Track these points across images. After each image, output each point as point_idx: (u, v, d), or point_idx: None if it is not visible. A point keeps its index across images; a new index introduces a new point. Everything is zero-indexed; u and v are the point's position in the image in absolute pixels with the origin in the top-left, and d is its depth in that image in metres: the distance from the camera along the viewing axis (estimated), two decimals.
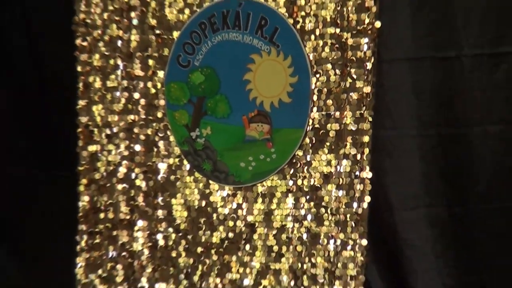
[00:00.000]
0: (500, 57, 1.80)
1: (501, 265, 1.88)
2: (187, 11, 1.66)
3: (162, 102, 1.69)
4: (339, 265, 1.68)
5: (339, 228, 1.67)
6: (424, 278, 1.90)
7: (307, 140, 1.65)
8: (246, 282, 1.72)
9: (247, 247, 1.71)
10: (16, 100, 1.84)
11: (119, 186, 1.73)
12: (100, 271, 1.75)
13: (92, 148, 1.72)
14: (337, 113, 1.63)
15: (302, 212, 1.67)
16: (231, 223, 1.71)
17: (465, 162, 1.85)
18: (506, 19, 1.76)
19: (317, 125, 1.64)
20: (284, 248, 1.70)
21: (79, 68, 1.69)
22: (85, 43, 1.68)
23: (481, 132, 1.84)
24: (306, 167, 1.66)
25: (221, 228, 1.72)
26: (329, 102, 1.63)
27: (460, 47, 1.79)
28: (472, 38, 1.79)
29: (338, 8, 1.61)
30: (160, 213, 1.73)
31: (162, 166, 1.72)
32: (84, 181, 1.72)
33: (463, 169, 1.85)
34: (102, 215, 1.73)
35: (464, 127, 1.84)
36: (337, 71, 1.62)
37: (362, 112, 1.63)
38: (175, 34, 1.66)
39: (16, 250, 1.95)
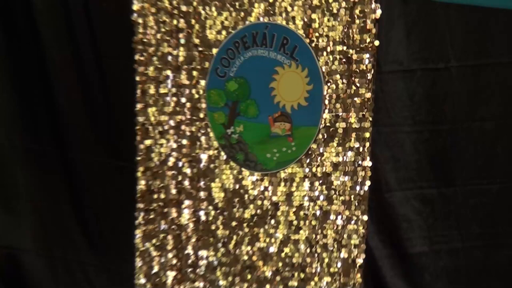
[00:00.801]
0: (480, 68, 2.17)
1: (480, 233, 2.25)
2: (224, 32, 2.04)
3: (203, 105, 2.08)
4: (345, 236, 2.06)
5: (345, 207, 2.05)
6: (418, 244, 2.27)
7: (320, 135, 2.02)
8: (271, 249, 2.11)
9: (272, 221, 2.10)
10: (88, 105, 2.23)
11: (169, 173, 2.12)
12: (154, 241, 2.14)
13: (148, 142, 2.11)
14: (344, 114, 2.01)
15: (316, 193, 2.06)
16: (259, 202, 2.10)
17: (451, 153, 2.22)
18: (484, 37, 2.13)
19: (328, 124, 2.02)
20: (301, 222, 2.08)
21: (137, 78, 2.07)
22: (142, 58, 2.07)
23: (465, 128, 2.20)
24: (319, 157, 2.04)
25: (251, 206, 2.11)
26: (338, 105, 2.01)
27: (448, 60, 2.16)
28: (458, 52, 2.15)
29: (345, 30, 1.98)
30: (202, 194, 2.12)
31: (204, 157, 2.11)
32: (141, 168, 2.11)
33: (449, 158, 2.22)
34: (155, 196, 2.12)
35: (451, 124, 2.20)
36: (344, 81, 2.00)
37: (364, 113, 2.00)
38: (214, 50, 2.04)
39: (85, 223, 2.34)
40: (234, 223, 2.12)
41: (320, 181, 2.04)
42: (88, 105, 2.21)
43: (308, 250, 2.09)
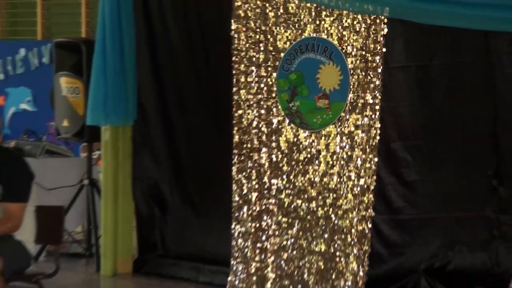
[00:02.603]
0: (458, 66, 3.28)
1: (450, 170, 3.35)
2: (288, 43, 3.26)
3: (275, 89, 3.31)
4: (362, 171, 3.24)
5: (362, 152, 3.24)
6: (412, 175, 3.38)
7: (347, 108, 3.22)
8: (316, 179, 3.30)
9: (317, 162, 3.30)
10: (200, 90, 3.52)
11: (253, 131, 3.35)
12: (244, 173, 3.38)
13: (239, 111, 3.35)
14: (362, 94, 3.21)
15: (344, 144, 3.24)
16: (308, 149, 3.29)
17: (433, 119, 3.35)
18: (461, 43, 3.24)
19: (352, 100, 3.21)
20: (335, 162, 3.26)
21: (233, 72, 3.33)
22: (236, 59, 3.32)
23: (442, 103, 3.34)
24: (346, 122, 3.23)
25: (304, 152, 3.30)
26: (358, 89, 3.19)
27: (432, 59, 3.29)
28: (441, 54, 3.28)
29: (364, 42, 3.16)
30: (273, 144, 3.34)
31: (275, 121, 3.34)
32: (236, 128, 3.37)
33: (432, 122, 3.35)
34: (245, 146, 3.37)
35: (435, 103, 3.35)
36: (363, 73, 3.19)
37: (375, 93, 3.19)
38: (282, 54, 3.28)
39: (196, 165, 3.64)
40: (293, 163, 3.33)
41: (347, 136, 3.24)
42: (200, 90, 3.50)
43: (338, 179, 3.27)
